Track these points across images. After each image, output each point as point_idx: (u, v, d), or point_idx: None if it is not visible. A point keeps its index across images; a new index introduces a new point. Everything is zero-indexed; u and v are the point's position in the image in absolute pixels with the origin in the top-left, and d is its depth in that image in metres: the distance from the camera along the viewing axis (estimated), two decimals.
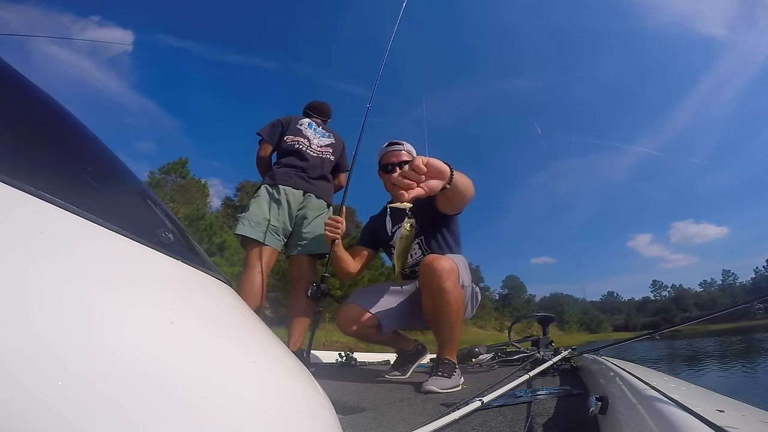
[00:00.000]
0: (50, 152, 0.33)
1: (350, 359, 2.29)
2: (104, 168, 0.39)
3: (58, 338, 0.20)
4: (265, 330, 0.39)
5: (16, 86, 0.35)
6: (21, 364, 0.18)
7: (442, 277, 1.32)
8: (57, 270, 0.23)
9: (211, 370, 0.26)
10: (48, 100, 0.36)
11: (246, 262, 1.95)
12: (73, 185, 0.31)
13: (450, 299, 1.33)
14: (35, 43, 72.47)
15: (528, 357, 1.94)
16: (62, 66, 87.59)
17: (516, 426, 0.75)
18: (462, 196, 1.27)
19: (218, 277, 0.42)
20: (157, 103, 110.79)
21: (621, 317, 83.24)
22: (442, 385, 1.23)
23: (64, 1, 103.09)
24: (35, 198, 0.25)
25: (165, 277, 0.33)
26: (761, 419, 0.41)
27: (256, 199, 2.03)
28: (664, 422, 0.40)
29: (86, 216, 0.28)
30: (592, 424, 0.68)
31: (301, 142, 2.14)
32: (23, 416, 0.17)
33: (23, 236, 0.23)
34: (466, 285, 1.47)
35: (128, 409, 0.21)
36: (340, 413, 0.93)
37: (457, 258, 1.45)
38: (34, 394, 0.18)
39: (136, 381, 0.22)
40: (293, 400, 0.32)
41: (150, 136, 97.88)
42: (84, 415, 0.19)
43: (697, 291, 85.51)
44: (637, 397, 0.56)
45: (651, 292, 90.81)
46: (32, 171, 0.27)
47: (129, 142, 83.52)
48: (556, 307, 69.91)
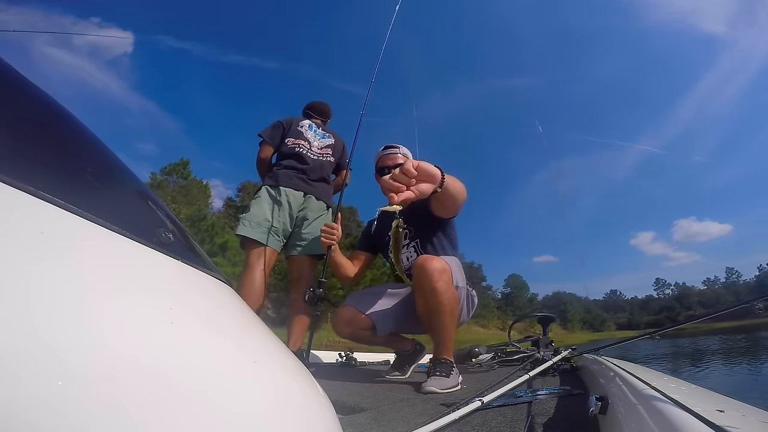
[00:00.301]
0: (50, 152, 0.33)
1: (350, 359, 2.29)
2: (104, 168, 0.39)
3: (58, 338, 0.20)
4: (265, 330, 0.39)
5: (16, 86, 0.35)
6: (21, 363, 0.18)
7: (434, 277, 1.31)
8: (57, 270, 0.23)
9: (211, 370, 0.26)
10: (48, 100, 0.36)
11: (246, 262, 1.96)
12: (73, 185, 0.31)
13: (442, 299, 1.32)
14: (36, 44, 72.89)
15: (528, 357, 1.94)
16: (62, 67, 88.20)
17: (516, 426, 0.75)
18: (454, 200, 1.29)
19: (218, 277, 0.42)
20: (157, 104, 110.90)
21: (624, 316, 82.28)
22: (441, 384, 1.23)
23: (64, 2, 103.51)
24: (35, 198, 0.25)
25: (165, 277, 0.33)
26: (761, 419, 0.41)
27: (257, 200, 2.04)
28: (664, 422, 0.40)
29: (86, 216, 0.28)
30: (592, 424, 0.68)
31: (302, 145, 2.15)
32: (24, 416, 0.18)
33: (23, 236, 0.23)
34: (461, 286, 1.46)
35: (128, 409, 0.21)
36: (340, 413, 0.93)
37: (449, 259, 1.44)
38: (34, 394, 0.18)
39: (136, 381, 0.22)
40: (293, 400, 0.32)
41: (151, 137, 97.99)
42: (84, 415, 0.19)
43: (700, 289, 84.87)
44: (637, 397, 0.56)
45: (654, 290, 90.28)
46: (32, 171, 0.27)
47: (130, 143, 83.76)
48: (559, 305, 69.31)
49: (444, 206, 1.43)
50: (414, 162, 0.92)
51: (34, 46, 77.86)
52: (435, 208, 1.50)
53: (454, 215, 1.58)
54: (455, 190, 1.17)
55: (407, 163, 0.90)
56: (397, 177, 0.90)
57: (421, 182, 0.94)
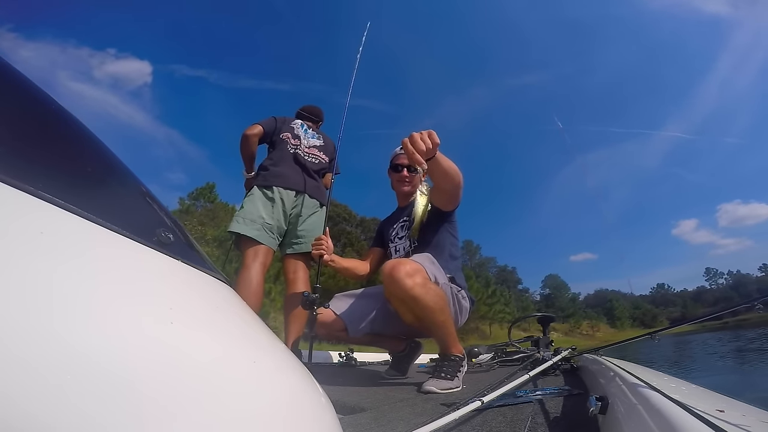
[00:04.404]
0: (50, 152, 0.33)
1: (350, 359, 2.29)
2: (104, 168, 0.39)
3: (57, 338, 0.20)
4: (265, 330, 0.39)
5: (16, 86, 0.35)
6: (21, 363, 0.18)
7: (406, 284, 1.26)
8: (57, 270, 0.23)
9: (210, 369, 0.26)
10: (48, 100, 0.36)
11: (242, 261, 1.96)
12: (73, 185, 0.31)
13: (426, 302, 1.28)
14: (59, 79, 73.24)
15: (528, 357, 1.94)
16: (89, 102, 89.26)
17: (516, 426, 0.75)
18: (449, 178, 1.33)
19: (218, 276, 0.42)
20: (180, 132, 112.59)
21: (676, 309, 75.54)
22: (441, 385, 1.23)
23: (78, 35, 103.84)
24: (35, 198, 0.25)
25: (165, 277, 0.33)
26: (761, 419, 0.41)
27: (250, 198, 2.04)
28: (664, 422, 0.40)
29: (86, 216, 0.28)
30: (592, 424, 0.68)
31: (292, 143, 2.19)
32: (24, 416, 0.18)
33: (23, 236, 0.23)
34: (441, 282, 1.41)
35: (128, 409, 0.21)
36: (340, 413, 0.93)
37: (421, 257, 1.42)
38: (35, 394, 0.18)
39: (136, 380, 0.22)
40: (293, 400, 0.32)
41: (179, 167, 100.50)
42: (84, 415, 0.19)
43: (757, 276, 77.08)
44: (637, 397, 0.56)
45: (705, 280, 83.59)
46: (32, 171, 0.27)
47: (161, 173, 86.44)
48: (605, 303, 65.55)
49: (440, 188, 1.43)
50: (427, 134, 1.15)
51: (59, 82, 78.97)
52: (434, 197, 1.52)
53: (453, 205, 1.59)
54: (448, 166, 1.29)
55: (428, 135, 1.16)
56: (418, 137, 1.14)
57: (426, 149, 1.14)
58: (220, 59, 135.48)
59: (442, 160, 1.24)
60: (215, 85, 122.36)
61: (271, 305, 13.14)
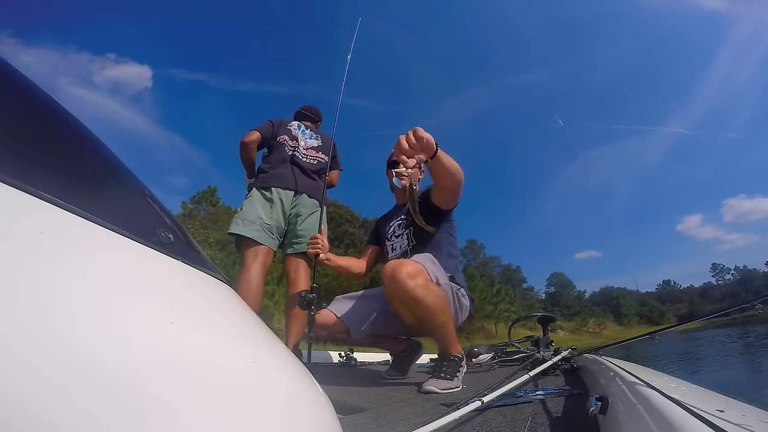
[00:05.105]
0: (50, 152, 0.33)
1: (350, 359, 2.29)
2: (104, 168, 0.39)
3: (57, 338, 0.20)
4: (265, 330, 0.39)
5: (16, 86, 0.35)
6: (21, 363, 0.18)
7: (408, 285, 1.26)
8: (57, 271, 0.23)
9: (210, 369, 0.26)
10: (48, 100, 0.36)
11: (242, 262, 1.96)
12: (73, 185, 0.31)
13: (428, 303, 1.28)
14: (60, 84, 73.25)
15: (528, 357, 1.94)
16: (90, 107, 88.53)
17: (516, 426, 0.75)
18: (450, 175, 1.32)
19: (218, 277, 0.42)
20: (182, 136, 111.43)
21: (683, 306, 74.08)
22: (441, 385, 1.23)
23: (78, 40, 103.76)
24: (35, 198, 0.25)
25: (165, 277, 0.33)
26: (761, 419, 0.41)
27: (249, 200, 2.06)
28: (664, 422, 0.40)
29: (86, 216, 0.28)
30: (592, 424, 0.68)
31: (290, 145, 2.20)
32: (27, 416, 0.18)
33: (23, 237, 0.23)
34: (443, 283, 1.41)
35: (128, 409, 0.21)
36: (340, 413, 0.93)
37: (422, 257, 1.41)
38: (35, 393, 0.18)
39: (136, 380, 0.22)
40: (293, 400, 0.32)
41: (181, 170, 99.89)
42: (84, 414, 0.19)
43: (764, 271, 75.84)
44: (637, 397, 0.56)
45: (712, 276, 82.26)
46: (32, 171, 0.27)
47: (164, 177, 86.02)
48: (611, 301, 64.53)
49: (441, 185, 1.42)
50: (418, 133, 1.12)
51: (60, 88, 79.26)
52: (435, 195, 1.51)
53: (452, 204, 1.59)
54: (449, 164, 1.27)
55: (412, 133, 1.11)
56: (405, 140, 1.11)
57: (422, 151, 1.14)
58: (218, 62, 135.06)
59: (443, 158, 1.24)
60: (215, 89, 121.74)
61: (275, 307, 13.16)
